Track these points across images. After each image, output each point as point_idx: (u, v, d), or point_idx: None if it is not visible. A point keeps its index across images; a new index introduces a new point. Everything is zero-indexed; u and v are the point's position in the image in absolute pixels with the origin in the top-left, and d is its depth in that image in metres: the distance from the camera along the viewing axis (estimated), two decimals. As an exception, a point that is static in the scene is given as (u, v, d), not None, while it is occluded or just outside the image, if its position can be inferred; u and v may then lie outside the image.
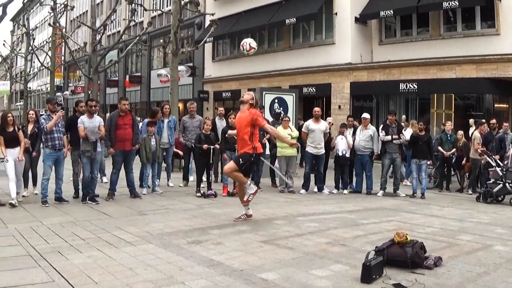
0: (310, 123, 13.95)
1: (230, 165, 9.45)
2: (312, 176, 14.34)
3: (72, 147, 11.79)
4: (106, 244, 7.43)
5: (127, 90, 45.37)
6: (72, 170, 11.99)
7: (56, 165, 10.99)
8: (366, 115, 14.66)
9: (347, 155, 14.11)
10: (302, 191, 13.92)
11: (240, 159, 9.24)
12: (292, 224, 9.28)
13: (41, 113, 21.02)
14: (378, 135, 14.20)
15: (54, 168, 10.99)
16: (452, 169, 15.98)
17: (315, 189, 14.28)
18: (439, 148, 15.46)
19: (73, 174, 11.98)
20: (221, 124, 14.74)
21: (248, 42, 12.53)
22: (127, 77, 45.51)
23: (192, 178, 14.81)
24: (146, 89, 42.61)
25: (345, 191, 14.27)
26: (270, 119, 15.51)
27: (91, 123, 11.19)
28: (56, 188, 11.07)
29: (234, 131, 10.25)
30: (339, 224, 9.42)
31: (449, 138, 15.64)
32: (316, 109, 14.37)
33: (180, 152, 15.44)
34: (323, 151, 13.96)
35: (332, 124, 14.93)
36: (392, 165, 14.18)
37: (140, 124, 14.06)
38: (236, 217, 9.61)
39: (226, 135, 12.20)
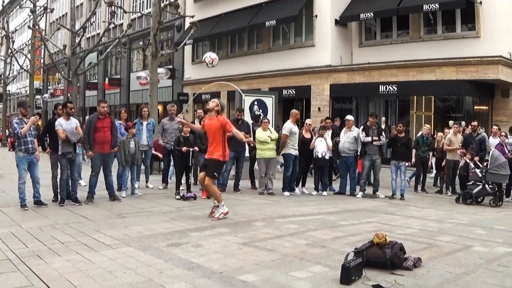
0: (292, 126, 14.00)
1: (207, 180, 9.92)
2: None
3: (51, 150, 11.73)
4: (86, 247, 7.38)
5: (106, 93, 45.08)
6: (51, 173, 11.89)
7: (31, 168, 10.84)
8: (349, 117, 14.74)
9: (327, 157, 14.17)
10: (286, 193, 13.97)
11: (214, 172, 9.95)
12: (271, 226, 9.29)
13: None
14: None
15: (29, 172, 10.87)
16: (432, 170, 16.18)
17: (297, 190, 14.38)
18: (414, 150, 15.62)
19: (52, 177, 11.88)
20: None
21: (208, 55, 12.57)
22: (107, 79, 45.20)
23: (171, 180, 14.78)
24: (126, 92, 42.38)
25: (325, 193, 14.32)
26: (250, 121, 15.52)
27: (68, 125, 11.21)
28: (34, 192, 10.95)
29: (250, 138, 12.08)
30: (318, 225, 9.45)
31: (425, 140, 15.81)
32: (296, 111, 14.57)
33: (160, 155, 15.40)
34: (298, 152, 14.09)
35: (310, 125, 14.95)
36: (372, 167, 14.25)
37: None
38: (215, 217, 9.89)
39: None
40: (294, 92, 27.35)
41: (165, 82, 34.14)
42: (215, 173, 9.98)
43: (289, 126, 14.02)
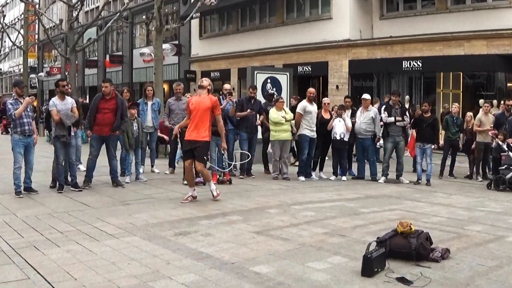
0: (307, 105, 13.91)
1: (199, 165, 10.28)
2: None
3: None
4: (87, 237, 7.40)
5: (107, 71, 45.18)
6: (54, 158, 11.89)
7: (26, 152, 10.82)
8: (366, 96, 14.63)
9: (346, 139, 14.10)
10: (301, 177, 13.93)
11: (204, 156, 10.42)
12: (286, 214, 9.28)
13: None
14: (381, 116, 14.20)
15: (24, 156, 10.88)
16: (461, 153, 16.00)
17: (314, 175, 14.34)
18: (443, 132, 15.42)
19: (54, 161, 11.90)
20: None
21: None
22: (107, 56, 45.27)
23: (178, 164, 14.78)
24: (128, 70, 42.43)
25: (344, 178, 14.28)
26: (263, 100, 15.45)
27: (64, 105, 11.20)
28: (25, 178, 10.94)
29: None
30: (337, 213, 9.43)
31: (455, 120, 15.60)
32: (311, 90, 14.37)
33: (166, 137, 15.39)
34: (315, 134, 14.00)
35: (329, 104, 14.85)
36: (395, 149, 14.17)
37: None
38: (183, 198, 10.38)
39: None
40: (310, 69, 27.26)
41: (170, 59, 34.06)
42: (204, 157, 10.40)
43: (303, 104, 13.94)
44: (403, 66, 23.38)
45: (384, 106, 14.47)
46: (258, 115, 14.19)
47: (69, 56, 29.46)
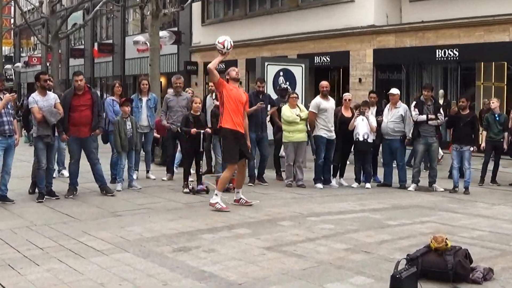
0: (321, 101, 13.85)
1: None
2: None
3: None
4: (70, 253, 7.40)
5: (96, 62, 45.36)
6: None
7: (5, 155, 10.88)
8: (394, 91, 14.55)
9: (370, 140, 14.06)
10: (319, 185, 13.92)
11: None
12: (301, 226, 9.28)
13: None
14: (411, 114, 14.12)
15: (3, 158, 10.92)
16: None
17: (334, 182, 14.33)
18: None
19: (33, 164, 11.93)
20: (211, 103, 14.72)
21: (229, 41, 11.86)
22: (96, 45, 45.41)
23: (177, 170, 14.81)
24: (120, 60, 42.58)
25: (368, 185, 14.25)
26: (274, 96, 15.44)
27: (46, 102, 11.22)
28: (0, 184, 10.99)
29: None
30: (360, 226, 9.42)
31: (497, 118, 15.49)
32: (324, 83, 14.28)
33: (158, 136, 15.46)
34: (334, 135, 13.95)
35: (350, 101, 14.76)
36: (427, 152, 14.12)
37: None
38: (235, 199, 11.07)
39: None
40: (328, 59, 27.26)
41: (168, 49, 34.19)
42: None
43: (316, 101, 13.88)
44: (437, 56, 23.34)
45: (414, 103, 14.39)
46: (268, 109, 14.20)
47: (51, 44, 29.56)
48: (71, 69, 48.49)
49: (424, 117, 13.79)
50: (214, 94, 14.48)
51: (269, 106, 14.38)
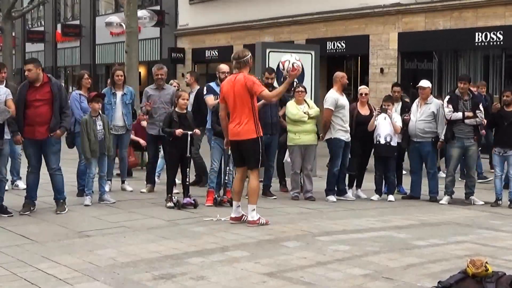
0: (339, 97, 13.79)
1: (254, 176, 10.87)
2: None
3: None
4: (27, 284, 7.37)
5: (59, 47, 45.42)
6: None
7: None
8: (424, 83, 14.51)
9: (393, 143, 14.05)
10: (331, 197, 13.91)
11: (258, 157, 10.75)
12: (310, 248, 9.29)
13: None
14: (444, 111, 14.11)
15: None
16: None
17: (350, 194, 14.31)
18: None
19: None
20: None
21: (292, 62, 11.87)
22: (59, 27, 45.40)
23: (159, 179, 14.81)
24: (89, 46, 42.66)
25: (391, 197, 14.25)
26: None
27: None
28: None
29: (260, 102, 12.12)
30: (381, 247, 9.42)
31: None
32: (341, 74, 14.25)
33: (142, 141, 15.43)
34: (350, 137, 13.94)
35: (367, 95, 14.69)
36: (464, 157, 14.11)
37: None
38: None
39: None
40: (343, 45, 27.35)
41: (149, 32, 34.29)
42: (259, 159, 10.78)
43: (334, 96, 13.83)
44: (476, 40, 23.39)
45: (448, 97, 14.36)
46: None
47: (2, 25, 29.58)
48: (28, 56, 48.51)
49: (459, 114, 13.76)
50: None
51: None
